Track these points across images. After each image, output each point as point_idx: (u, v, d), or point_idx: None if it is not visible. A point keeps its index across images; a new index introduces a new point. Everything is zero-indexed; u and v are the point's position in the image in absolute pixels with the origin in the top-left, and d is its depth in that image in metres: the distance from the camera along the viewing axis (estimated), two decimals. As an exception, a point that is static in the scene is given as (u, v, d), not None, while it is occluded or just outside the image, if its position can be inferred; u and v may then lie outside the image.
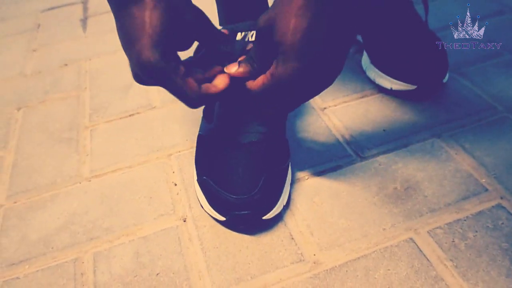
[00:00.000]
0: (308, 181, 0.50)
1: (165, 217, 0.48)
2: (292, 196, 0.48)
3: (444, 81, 0.58)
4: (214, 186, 0.44)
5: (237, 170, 0.44)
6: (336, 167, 0.51)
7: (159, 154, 0.56)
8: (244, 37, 0.45)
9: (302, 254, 0.43)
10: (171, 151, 0.56)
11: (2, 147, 0.61)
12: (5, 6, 1.07)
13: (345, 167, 0.51)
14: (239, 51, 0.40)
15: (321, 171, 0.51)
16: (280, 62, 0.33)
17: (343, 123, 0.57)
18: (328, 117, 0.58)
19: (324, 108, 0.60)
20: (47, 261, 0.45)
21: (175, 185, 0.52)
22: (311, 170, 0.51)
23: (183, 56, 0.38)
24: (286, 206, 0.47)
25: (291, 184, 0.49)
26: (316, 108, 0.60)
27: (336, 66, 0.34)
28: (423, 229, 0.43)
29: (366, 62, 0.64)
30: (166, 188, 0.51)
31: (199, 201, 0.47)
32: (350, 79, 0.64)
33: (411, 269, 0.40)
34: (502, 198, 0.45)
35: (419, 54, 0.57)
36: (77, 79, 0.74)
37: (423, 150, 0.52)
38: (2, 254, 0.46)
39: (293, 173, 0.51)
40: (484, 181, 0.47)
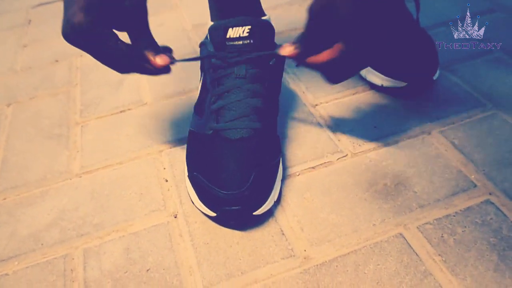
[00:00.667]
0: (299, 177, 0.50)
1: (156, 213, 0.48)
2: (283, 192, 0.48)
3: (434, 78, 0.58)
4: (205, 182, 0.44)
5: (227, 166, 0.44)
6: (327, 163, 0.51)
7: (150, 150, 0.56)
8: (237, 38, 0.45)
9: (292, 250, 0.43)
10: (162, 147, 0.56)
11: (-8, 143, 0.61)
12: (-5, 1, 1.06)
13: (336, 163, 0.51)
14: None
15: (312, 167, 0.51)
16: (349, 39, 0.37)
17: (335, 120, 0.57)
18: (319, 113, 0.58)
19: (315, 104, 0.60)
20: (37, 257, 0.45)
21: (166, 181, 0.51)
22: (302, 166, 0.51)
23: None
24: (277, 202, 0.47)
25: (282, 180, 0.49)
26: (307, 104, 0.60)
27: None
28: (413, 224, 0.44)
29: (358, 59, 0.64)
30: (157, 184, 0.51)
31: (190, 196, 0.47)
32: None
33: (400, 264, 0.40)
34: (490, 194, 0.46)
35: (410, 51, 0.57)
36: (68, 75, 0.73)
37: (413, 146, 0.52)
38: (-9, 251, 0.46)
39: (284, 169, 0.51)
40: (473, 177, 0.48)
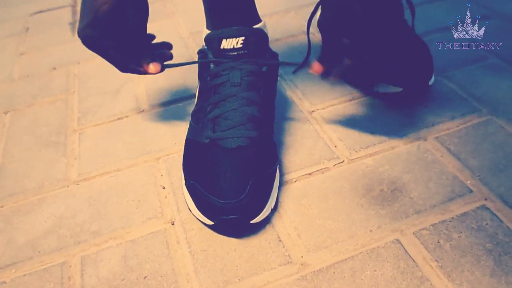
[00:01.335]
0: (296, 183, 0.50)
1: (153, 220, 0.48)
2: (280, 198, 0.49)
3: (430, 83, 0.58)
4: (202, 191, 0.44)
5: (224, 174, 0.44)
6: (324, 170, 0.51)
7: (148, 158, 0.56)
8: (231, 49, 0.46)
9: (289, 256, 0.43)
10: (160, 155, 0.56)
11: (-11, 151, 0.61)
12: (-7, 9, 1.06)
13: (332, 170, 0.51)
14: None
15: (309, 174, 0.51)
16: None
17: (331, 126, 0.57)
18: (316, 120, 0.59)
19: (312, 111, 0.60)
20: (34, 265, 0.45)
21: (163, 188, 0.52)
22: (299, 173, 0.51)
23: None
24: (274, 209, 0.47)
25: (279, 187, 0.49)
26: (304, 111, 0.60)
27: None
28: (409, 230, 0.44)
29: (354, 65, 0.65)
30: (154, 191, 0.51)
31: (187, 204, 0.47)
32: (337, 83, 0.65)
33: (397, 270, 0.40)
34: (486, 199, 0.46)
35: (405, 57, 0.58)
36: (65, 83, 0.74)
37: (410, 152, 0.52)
38: (-12, 259, 0.46)
39: (281, 176, 0.51)
40: (469, 182, 0.48)
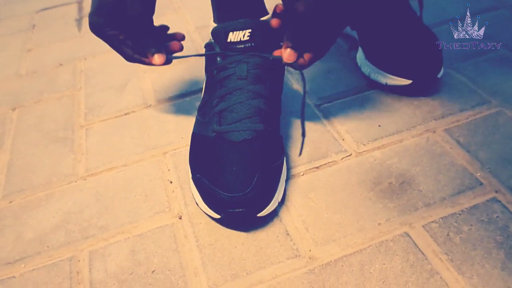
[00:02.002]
0: (303, 177, 0.50)
1: (160, 214, 0.48)
2: (287, 192, 0.48)
3: (439, 76, 0.58)
4: (208, 184, 0.44)
5: (231, 168, 0.44)
6: (331, 163, 0.51)
7: (155, 152, 0.56)
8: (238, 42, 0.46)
9: (297, 250, 0.43)
10: (166, 149, 0.56)
11: (-3, 147, 0.61)
12: (0, 6, 1.07)
13: (340, 163, 0.51)
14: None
15: (316, 167, 0.51)
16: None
17: (338, 119, 0.57)
18: (323, 113, 0.58)
19: (319, 104, 0.60)
20: (43, 260, 0.45)
21: (171, 182, 0.51)
22: (307, 166, 0.51)
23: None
24: (281, 202, 0.47)
25: (286, 180, 0.49)
26: (311, 104, 0.60)
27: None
28: (418, 223, 0.43)
29: (361, 58, 0.64)
30: (161, 185, 0.51)
31: (194, 198, 0.47)
32: (345, 75, 0.64)
33: (406, 263, 0.40)
34: (496, 191, 0.45)
35: (414, 49, 0.57)
36: (72, 79, 0.74)
37: (418, 145, 0.52)
38: (-3, 254, 0.46)
39: (288, 169, 0.51)
40: (478, 175, 0.47)
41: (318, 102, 0.60)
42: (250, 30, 0.45)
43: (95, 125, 0.62)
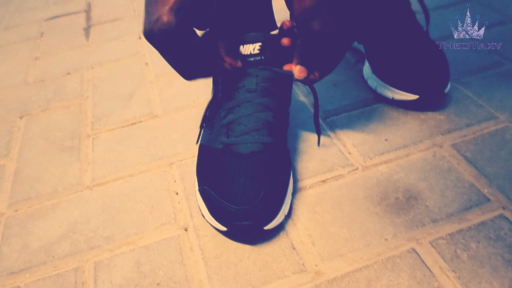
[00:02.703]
0: (309, 190, 0.50)
1: (166, 226, 0.48)
2: (293, 205, 0.48)
3: (445, 91, 0.58)
4: (215, 196, 0.44)
5: (238, 180, 0.44)
6: (338, 177, 0.51)
7: (161, 163, 0.56)
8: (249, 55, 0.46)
9: (303, 264, 0.42)
10: (173, 160, 0.56)
11: (4, 155, 0.61)
12: (9, 14, 1.08)
13: (347, 177, 0.51)
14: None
15: (322, 181, 0.51)
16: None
17: (345, 133, 0.57)
18: (329, 126, 0.58)
19: (325, 117, 0.60)
20: (48, 270, 0.45)
21: (177, 194, 0.51)
22: (313, 180, 0.51)
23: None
24: (288, 216, 0.47)
25: (293, 193, 0.49)
26: (317, 117, 0.60)
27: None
28: (425, 239, 0.43)
29: (368, 71, 0.64)
30: (167, 197, 0.51)
31: (201, 210, 0.47)
32: (351, 89, 0.64)
33: (413, 280, 0.40)
34: (504, 208, 0.45)
35: (421, 63, 0.57)
36: (79, 88, 0.74)
37: (425, 160, 0.52)
38: (2, 263, 0.46)
39: (294, 182, 0.51)
40: (486, 191, 0.47)
41: (325, 115, 0.60)
42: (260, 44, 0.46)
43: (102, 134, 0.63)
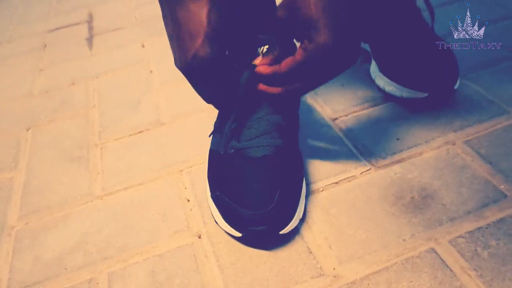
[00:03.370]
0: (323, 193, 0.49)
1: (179, 234, 0.47)
2: (307, 208, 0.47)
3: (455, 87, 0.57)
4: (229, 202, 0.43)
5: (251, 184, 0.43)
6: (350, 178, 0.50)
7: (170, 170, 0.56)
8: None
9: (321, 268, 0.42)
10: (182, 167, 0.56)
11: (13, 167, 0.61)
12: (12, 26, 1.08)
13: (360, 177, 0.50)
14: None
15: (335, 182, 0.50)
16: (312, 35, 0.35)
17: (355, 133, 0.56)
18: (339, 127, 0.58)
19: (335, 118, 0.59)
20: (62, 282, 0.45)
21: (188, 201, 0.51)
22: (326, 182, 0.50)
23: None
24: (302, 219, 0.46)
25: (306, 196, 0.48)
26: (327, 118, 0.59)
27: (356, 37, 0.38)
28: (444, 238, 0.42)
29: (375, 70, 0.64)
30: (179, 204, 0.51)
31: (214, 217, 0.46)
32: (359, 89, 0.64)
33: (435, 280, 0.39)
34: (522, 204, 0.44)
35: (429, 60, 0.57)
36: (85, 97, 0.74)
37: (438, 157, 0.51)
38: (15, 276, 0.46)
39: (307, 185, 0.50)
40: (502, 187, 0.46)
41: (334, 116, 0.60)
42: (267, 46, 0.45)
43: (110, 143, 0.62)
